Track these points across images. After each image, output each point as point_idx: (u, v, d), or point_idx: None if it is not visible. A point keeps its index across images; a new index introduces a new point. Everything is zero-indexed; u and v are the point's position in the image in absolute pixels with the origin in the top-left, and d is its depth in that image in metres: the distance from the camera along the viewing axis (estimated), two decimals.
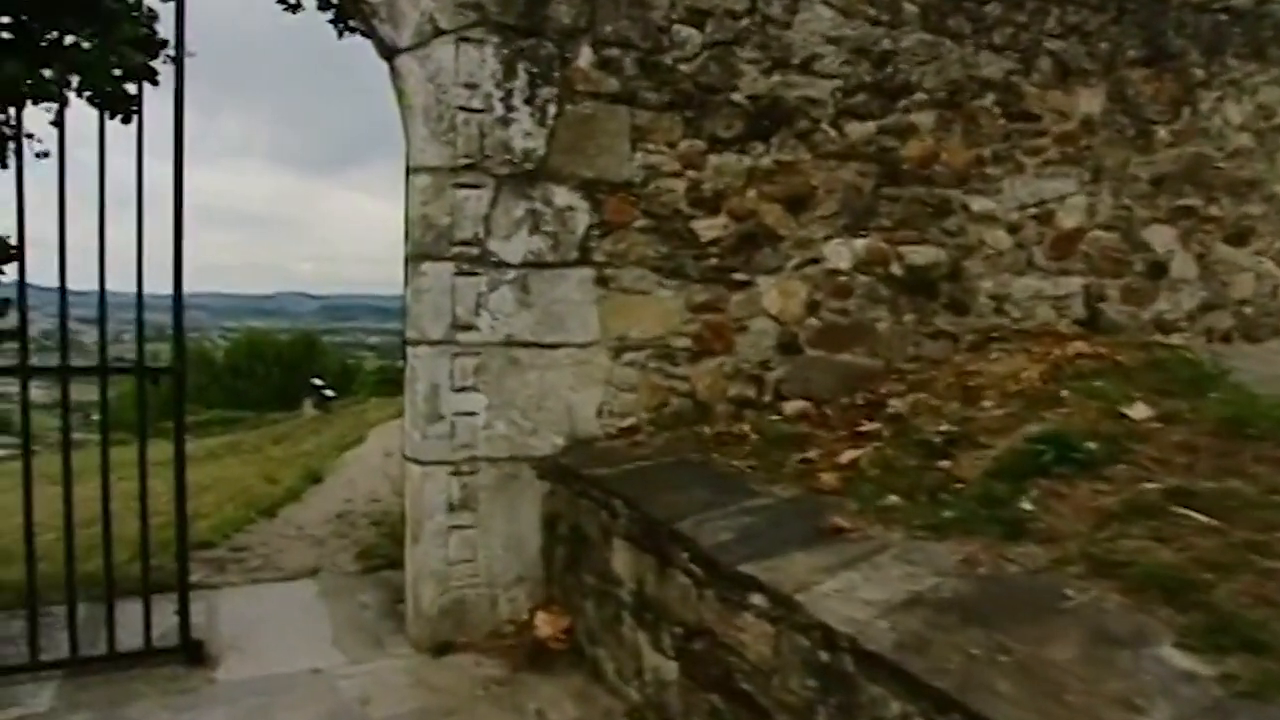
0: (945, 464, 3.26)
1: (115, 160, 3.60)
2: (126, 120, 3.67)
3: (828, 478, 3.27)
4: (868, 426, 4.01)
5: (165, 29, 3.75)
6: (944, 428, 3.68)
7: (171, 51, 3.71)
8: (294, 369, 41.31)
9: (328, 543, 6.18)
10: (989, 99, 5.07)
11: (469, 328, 3.99)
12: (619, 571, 3.43)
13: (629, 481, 3.61)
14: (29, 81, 3.36)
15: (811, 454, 3.81)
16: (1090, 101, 5.34)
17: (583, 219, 4.22)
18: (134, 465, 3.82)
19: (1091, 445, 2.99)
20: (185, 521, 3.81)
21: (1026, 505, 2.73)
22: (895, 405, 4.26)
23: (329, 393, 21.86)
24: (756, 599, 2.40)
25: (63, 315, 3.59)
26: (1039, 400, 3.69)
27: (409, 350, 4.03)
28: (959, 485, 2.99)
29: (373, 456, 9.36)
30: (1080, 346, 4.41)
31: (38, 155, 3.71)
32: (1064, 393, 3.70)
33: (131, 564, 3.94)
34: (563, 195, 4.17)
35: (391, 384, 37.08)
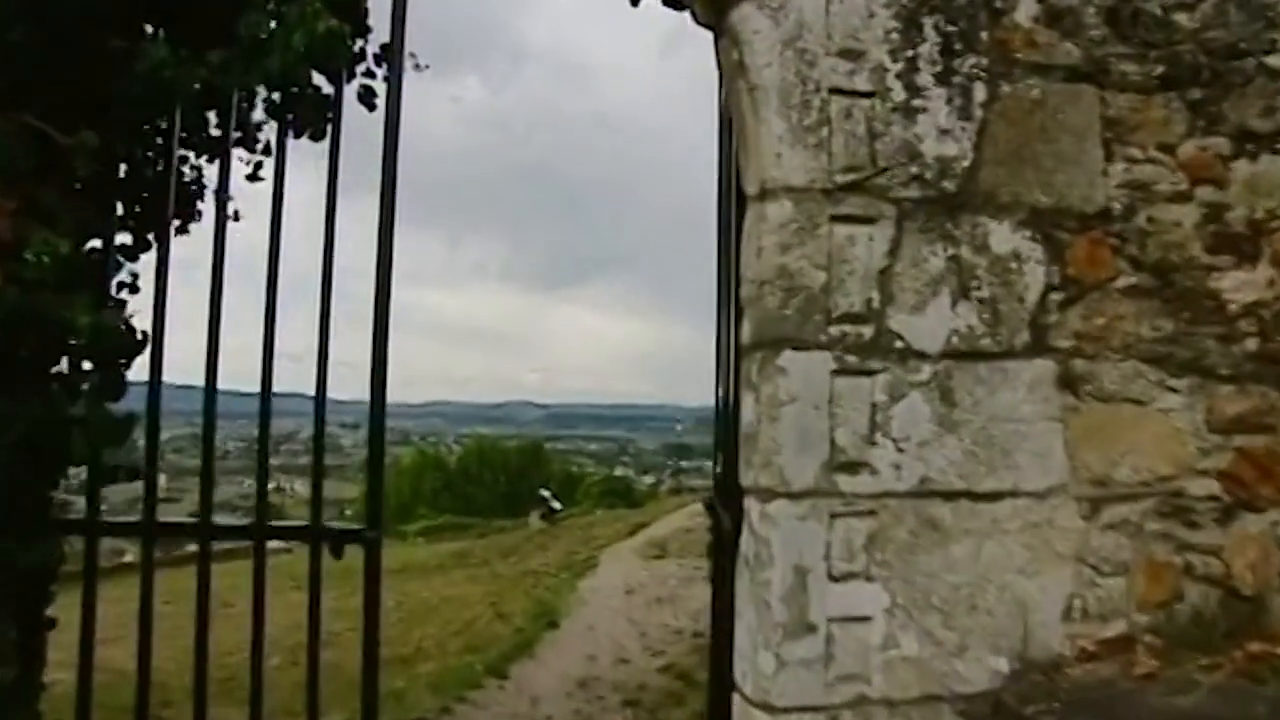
0: None
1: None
2: (317, 136, 2.31)
3: None
4: None
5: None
6: None
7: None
8: (520, 476, 42.31)
9: None
10: None
11: (858, 466, 2.26)
12: None
13: None
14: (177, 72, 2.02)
15: None
16: None
17: (1036, 276, 2.44)
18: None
19: None
20: None
21: None
22: None
23: (556, 505, 20.88)
24: None
25: (206, 466, 2.20)
26: None
27: (750, 507, 2.34)
28: None
29: (612, 593, 7.84)
30: None
31: (232, 218, 2.39)
32: None
33: None
34: (1002, 235, 2.42)
35: (614, 495, 37.31)
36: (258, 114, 2.49)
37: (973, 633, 2.33)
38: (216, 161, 2.81)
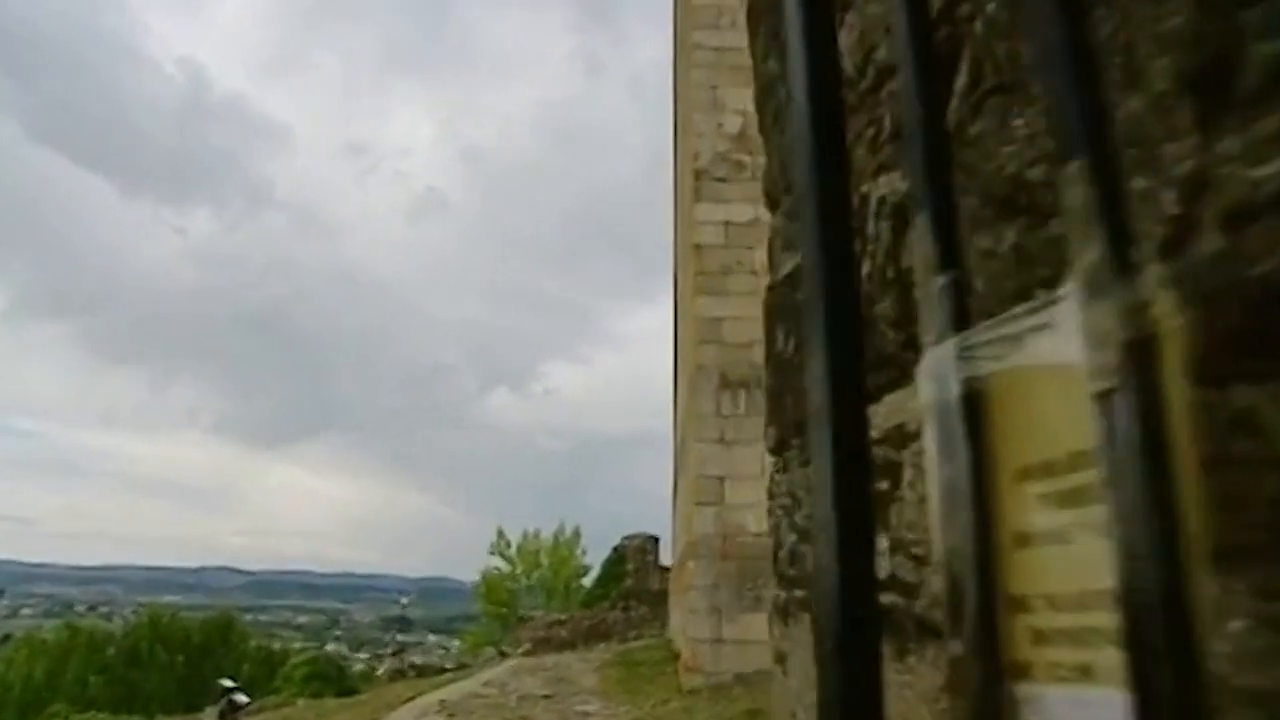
0: None
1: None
2: None
3: None
4: None
5: None
6: None
7: None
8: (205, 655, 37.18)
9: None
10: None
11: None
12: None
13: None
14: None
15: None
16: None
17: None
18: None
19: None
20: None
21: None
22: None
23: (242, 699, 16.33)
24: None
25: None
26: None
27: None
28: None
29: None
30: None
31: None
32: None
33: None
34: None
35: (322, 680, 31.94)
36: None
37: None
38: None
